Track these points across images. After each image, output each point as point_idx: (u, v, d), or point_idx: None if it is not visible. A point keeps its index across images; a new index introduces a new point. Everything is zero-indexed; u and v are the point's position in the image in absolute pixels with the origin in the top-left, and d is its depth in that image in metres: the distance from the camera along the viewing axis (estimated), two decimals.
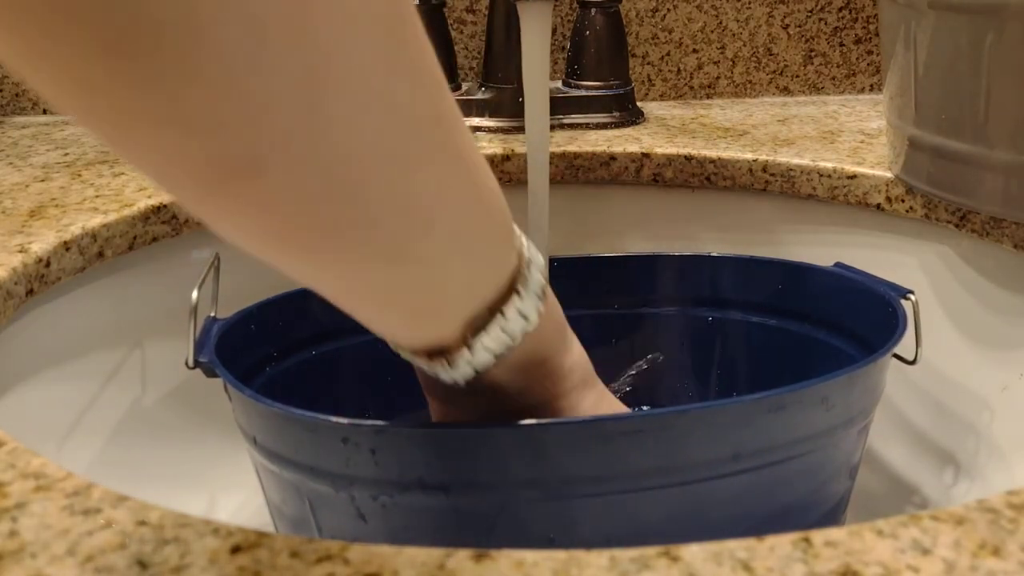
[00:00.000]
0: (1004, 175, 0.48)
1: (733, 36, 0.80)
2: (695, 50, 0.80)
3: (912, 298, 0.47)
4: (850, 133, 0.68)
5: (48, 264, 0.48)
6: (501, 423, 0.35)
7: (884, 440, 0.57)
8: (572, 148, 0.65)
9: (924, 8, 0.48)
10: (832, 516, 0.44)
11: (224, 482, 0.54)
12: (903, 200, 0.57)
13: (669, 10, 0.79)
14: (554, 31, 0.77)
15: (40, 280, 0.47)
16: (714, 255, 0.56)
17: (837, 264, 0.53)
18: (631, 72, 0.77)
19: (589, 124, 0.70)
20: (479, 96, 0.70)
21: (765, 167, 0.62)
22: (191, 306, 0.42)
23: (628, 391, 0.60)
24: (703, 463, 0.37)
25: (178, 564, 0.26)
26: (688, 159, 0.64)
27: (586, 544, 0.27)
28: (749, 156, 0.63)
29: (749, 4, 0.79)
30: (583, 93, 0.71)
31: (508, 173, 0.64)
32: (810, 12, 0.80)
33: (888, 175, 0.58)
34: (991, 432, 0.53)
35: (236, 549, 0.27)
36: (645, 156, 0.65)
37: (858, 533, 0.27)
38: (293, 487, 0.39)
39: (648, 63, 0.80)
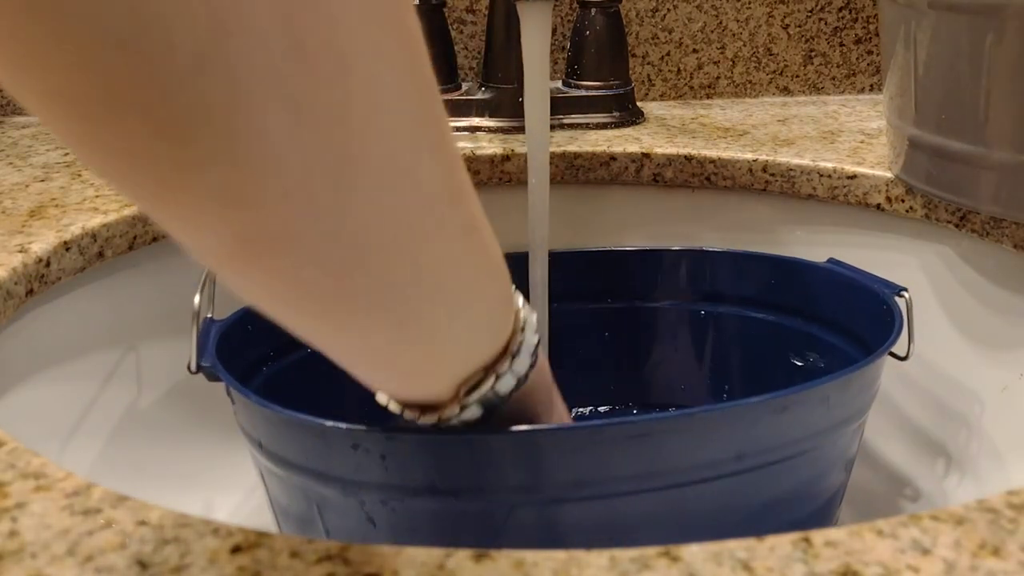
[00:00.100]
0: (1004, 175, 0.48)
1: (733, 36, 0.80)
2: (695, 50, 0.80)
3: (906, 295, 0.47)
4: (850, 133, 0.68)
5: (48, 264, 0.47)
6: (511, 429, 0.35)
7: (884, 440, 0.57)
8: (572, 148, 0.65)
9: (924, 8, 0.48)
10: (828, 508, 0.44)
11: (223, 482, 0.54)
12: (903, 200, 0.57)
13: (669, 10, 0.79)
14: (554, 31, 0.77)
15: (40, 280, 0.47)
16: (706, 249, 0.56)
17: (830, 260, 0.53)
18: (631, 72, 0.77)
19: (589, 124, 0.70)
20: (479, 96, 0.70)
21: (765, 167, 0.62)
22: (194, 311, 0.42)
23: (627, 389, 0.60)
24: (708, 464, 0.38)
25: (178, 564, 0.26)
26: (688, 159, 0.64)
27: (593, 546, 0.27)
28: (749, 156, 0.63)
29: (749, 4, 0.79)
30: (583, 93, 0.71)
31: (508, 173, 0.64)
32: (810, 12, 0.80)
33: (888, 175, 0.58)
34: (991, 432, 0.53)
35: (236, 549, 0.27)
36: (645, 156, 0.65)
37: (858, 533, 0.27)
38: (300, 491, 0.39)
39: (648, 63, 0.80)
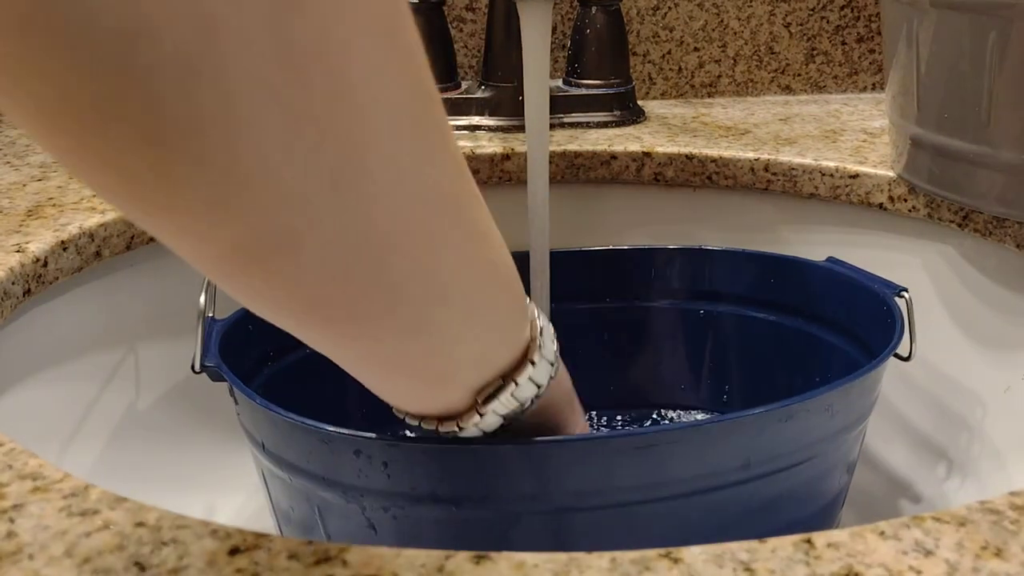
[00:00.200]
0: (1007, 174, 0.48)
1: (735, 34, 0.80)
2: (696, 48, 0.80)
3: (906, 295, 0.46)
4: (852, 132, 0.68)
5: (45, 264, 0.47)
6: (514, 439, 0.35)
7: (887, 441, 0.57)
8: (572, 147, 0.65)
9: (926, 6, 0.48)
10: (830, 511, 0.44)
11: (221, 484, 0.53)
12: (905, 199, 0.57)
13: (670, 8, 0.79)
14: (554, 29, 0.77)
15: (37, 280, 0.47)
16: (705, 248, 0.56)
17: (829, 259, 0.52)
18: (632, 70, 0.77)
19: (590, 123, 0.70)
20: (479, 95, 0.70)
21: (767, 166, 0.62)
22: (199, 309, 0.42)
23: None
24: (714, 473, 0.38)
25: (176, 566, 0.26)
26: (689, 158, 0.64)
27: None
28: (751, 155, 0.63)
29: (751, 2, 0.79)
30: (584, 92, 0.71)
31: (508, 172, 0.64)
32: (812, 10, 0.80)
33: (890, 174, 0.58)
34: (993, 434, 0.53)
35: (234, 551, 0.27)
36: (646, 155, 0.64)
37: (860, 535, 0.27)
38: (302, 494, 0.39)
39: (649, 61, 0.80)
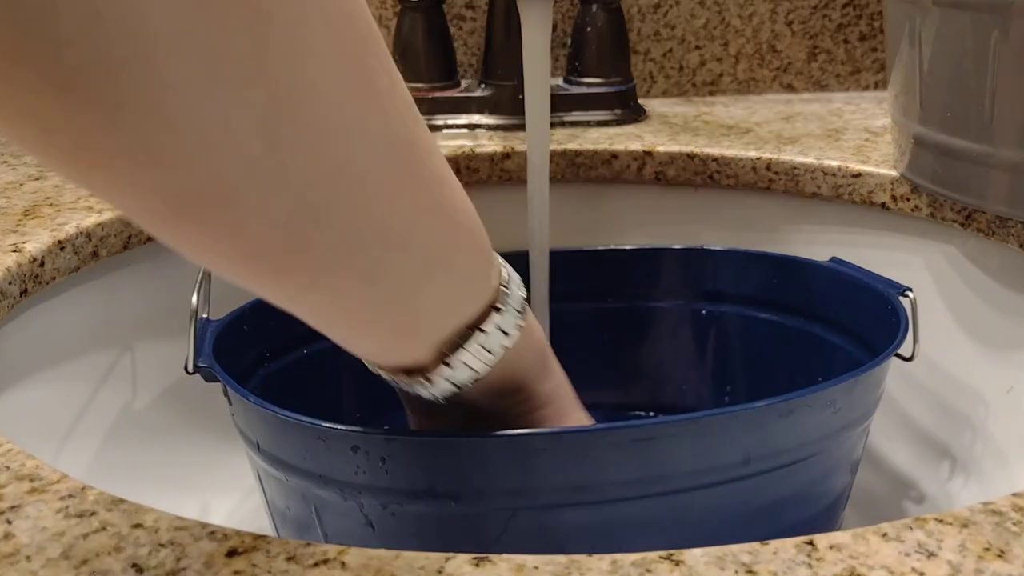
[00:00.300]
0: (1010, 174, 0.48)
1: (736, 33, 0.80)
2: (698, 47, 0.80)
3: (910, 295, 0.46)
4: (855, 131, 0.68)
5: (42, 264, 0.47)
6: (513, 432, 0.35)
7: (889, 442, 0.57)
8: (573, 146, 0.65)
9: (929, 5, 0.48)
10: (833, 510, 0.44)
11: (219, 485, 0.53)
12: (908, 199, 0.57)
13: (671, 6, 0.78)
14: (555, 27, 0.76)
15: (34, 280, 0.47)
16: (707, 248, 0.56)
17: (833, 259, 0.52)
18: (633, 69, 0.77)
19: (590, 122, 0.70)
20: (479, 93, 0.70)
21: (769, 165, 0.62)
22: (191, 310, 0.42)
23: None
24: (714, 468, 0.37)
25: (174, 568, 0.26)
26: (691, 157, 0.64)
27: (595, 550, 0.27)
28: (753, 154, 0.63)
29: (752, 0, 0.79)
30: (584, 90, 0.71)
31: (508, 171, 0.64)
32: (814, 8, 0.80)
33: (893, 173, 0.58)
34: (997, 434, 0.52)
35: (232, 552, 0.27)
36: (647, 154, 0.64)
37: (862, 536, 0.27)
38: (298, 493, 0.39)
39: (650, 60, 0.80)
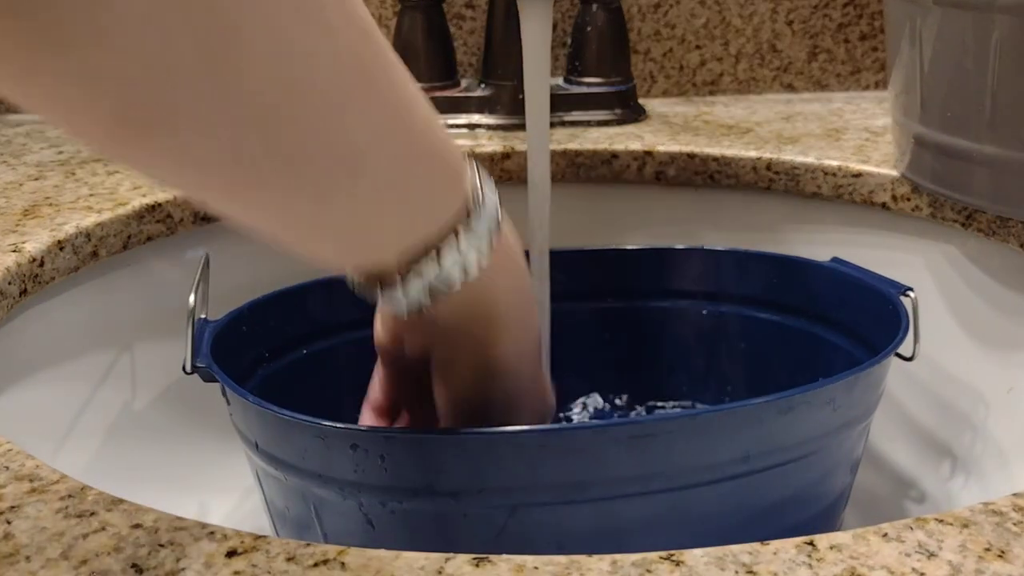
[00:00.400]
0: (1011, 174, 0.48)
1: (737, 32, 0.80)
2: (698, 46, 0.80)
3: (912, 295, 0.46)
4: (855, 131, 0.68)
5: (42, 264, 0.47)
6: (513, 428, 0.35)
7: (890, 442, 0.57)
8: (573, 146, 0.65)
9: (929, 4, 0.48)
10: (833, 510, 0.44)
11: (218, 484, 0.53)
12: (909, 199, 0.57)
13: (672, 6, 0.78)
14: (555, 27, 0.76)
15: (34, 280, 0.47)
16: (708, 248, 0.56)
17: (834, 259, 0.52)
18: (633, 69, 0.77)
19: (590, 121, 0.70)
20: (478, 93, 0.70)
21: (769, 165, 0.62)
22: (189, 310, 0.42)
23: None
24: (713, 466, 0.37)
25: (173, 568, 0.26)
26: (691, 157, 0.64)
27: (595, 549, 0.27)
28: (753, 154, 0.63)
29: (752, 0, 0.79)
30: (584, 90, 0.71)
31: (508, 171, 0.64)
32: (815, 8, 0.80)
33: (894, 173, 0.58)
34: (997, 434, 0.52)
35: (232, 553, 0.27)
36: (647, 154, 0.64)
37: (863, 536, 0.27)
38: (298, 493, 0.39)
39: (650, 59, 0.80)
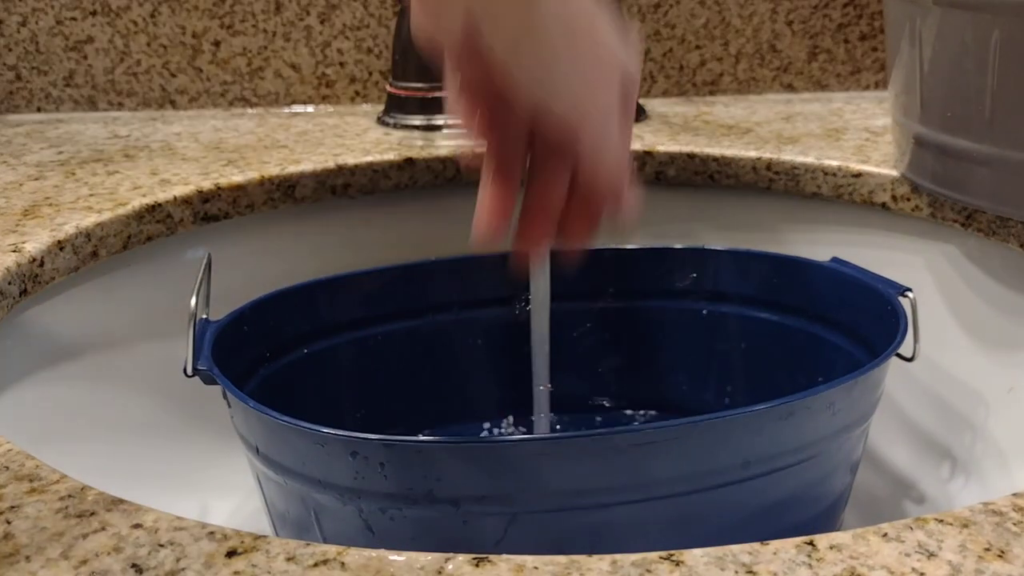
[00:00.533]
0: (1011, 174, 0.48)
1: (737, 32, 0.80)
2: (698, 46, 0.80)
3: (910, 295, 0.46)
4: (855, 131, 0.68)
5: (42, 264, 0.47)
6: (512, 437, 0.35)
7: (889, 442, 0.57)
8: None
9: (929, 4, 0.48)
10: (833, 511, 0.44)
11: (218, 486, 0.53)
12: (909, 199, 0.57)
13: (672, 6, 0.78)
14: None
15: (34, 280, 0.47)
16: (707, 247, 0.56)
17: (833, 259, 0.52)
18: None
19: None
20: None
21: (769, 165, 0.62)
22: (190, 312, 0.42)
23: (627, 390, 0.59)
24: (714, 471, 0.37)
25: (173, 568, 0.26)
26: (691, 157, 0.64)
27: (595, 554, 0.27)
28: (753, 154, 0.63)
29: (752, 0, 0.79)
30: None
31: None
32: (814, 8, 0.80)
33: (893, 173, 0.58)
34: (997, 434, 0.52)
35: (232, 553, 0.27)
36: (647, 154, 0.64)
37: (863, 536, 0.27)
38: (298, 497, 0.39)
39: (650, 59, 0.80)
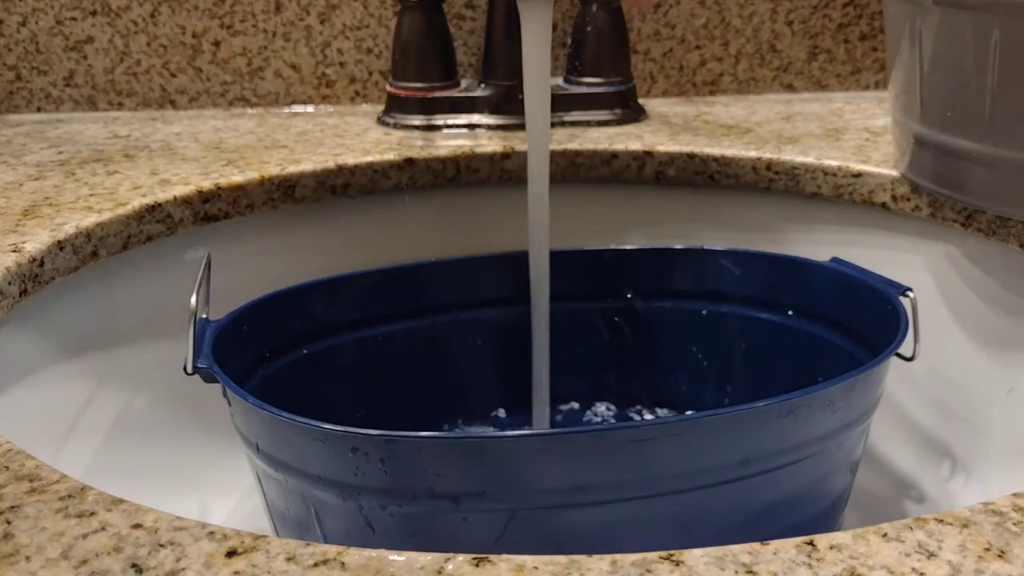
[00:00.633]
0: (1011, 173, 0.48)
1: (737, 32, 0.80)
2: (698, 46, 0.80)
3: (911, 295, 0.46)
4: (855, 131, 0.68)
5: (42, 264, 0.47)
6: (512, 433, 0.35)
7: (889, 442, 0.57)
8: (573, 146, 0.65)
9: (929, 4, 0.48)
10: (833, 511, 0.44)
11: (218, 485, 0.53)
12: (909, 199, 0.57)
13: (672, 6, 0.78)
14: (555, 27, 0.76)
15: (34, 280, 0.47)
16: (708, 248, 0.56)
17: (833, 259, 0.52)
18: (633, 69, 0.77)
19: (590, 121, 0.70)
20: (479, 93, 0.70)
21: (769, 165, 0.62)
22: (191, 311, 0.42)
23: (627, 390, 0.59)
24: (714, 469, 0.37)
25: (173, 568, 0.26)
26: (691, 157, 0.64)
27: (594, 551, 0.27)
28: (753, 154, 0.63)
29: (752, 0, 0.79)
30: (584, 90, 0.71)
31: (508, 171, 0.64)
32: (814, 8, 0.80)
33: (894, 173, 0.58)
34: (997, 434, 0.52)
35: (232, 553, 0.27)
36: (647, 154, 0.64)
37: (863, 536, 0.27)
38: (298, 495, 0.39)
39: (650, 59, 0.80)
